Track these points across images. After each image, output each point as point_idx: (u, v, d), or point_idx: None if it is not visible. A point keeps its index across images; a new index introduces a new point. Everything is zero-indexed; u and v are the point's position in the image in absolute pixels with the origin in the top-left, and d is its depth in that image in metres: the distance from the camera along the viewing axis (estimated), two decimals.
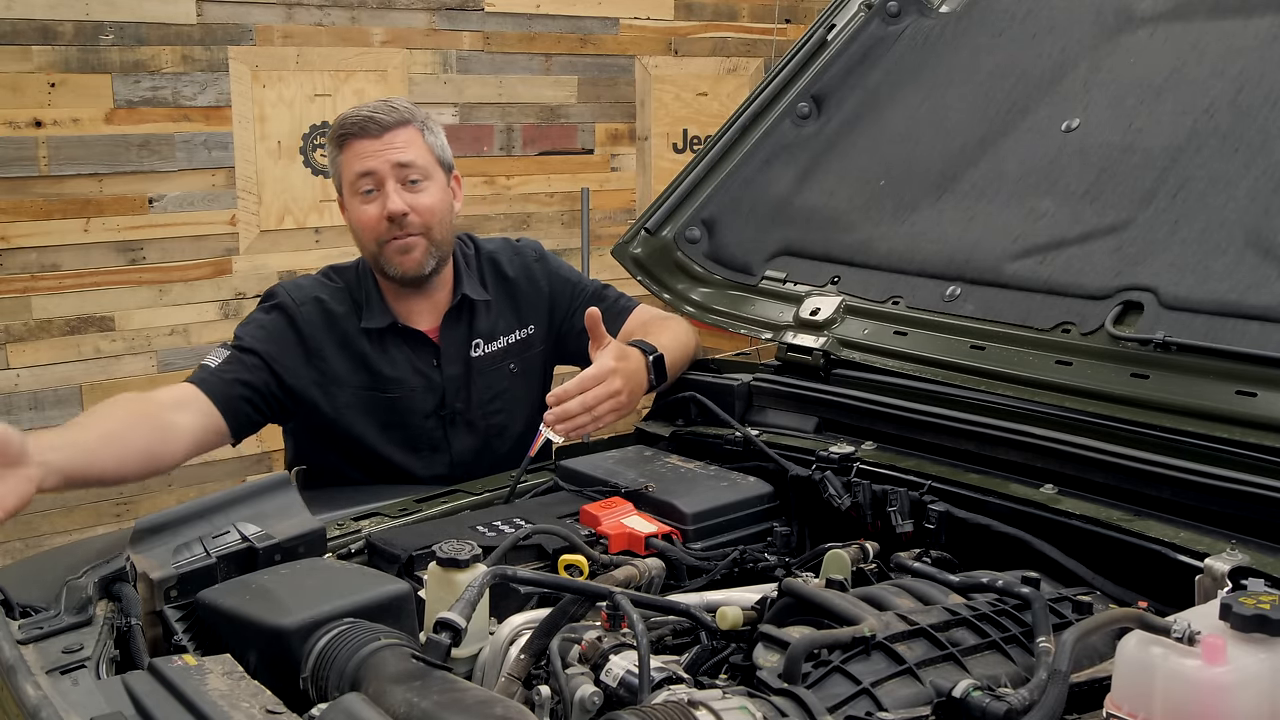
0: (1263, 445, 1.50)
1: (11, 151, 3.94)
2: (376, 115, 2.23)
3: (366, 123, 2.23)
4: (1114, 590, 1.51)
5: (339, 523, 1.81)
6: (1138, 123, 1.93)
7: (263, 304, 2.30)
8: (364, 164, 2.22)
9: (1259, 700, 1.05)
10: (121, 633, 1.40)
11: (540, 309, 2.40)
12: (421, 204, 2.23)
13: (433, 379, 2.28)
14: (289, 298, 2.26)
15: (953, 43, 2.30)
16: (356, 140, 2.23)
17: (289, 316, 2.24)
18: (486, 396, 2.33)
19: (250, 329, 2.24)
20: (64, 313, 4.12)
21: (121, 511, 4.28)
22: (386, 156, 2.22)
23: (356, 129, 2.23)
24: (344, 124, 2.25)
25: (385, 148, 2.22)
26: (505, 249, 2.44)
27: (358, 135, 2.23)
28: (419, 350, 2.30)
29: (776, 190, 2.33)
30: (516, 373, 2.37)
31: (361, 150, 2.23)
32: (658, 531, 1.69)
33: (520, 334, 2.37)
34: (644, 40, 5.31)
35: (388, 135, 2.22)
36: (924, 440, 1.85)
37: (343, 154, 2.26)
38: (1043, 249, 1.89)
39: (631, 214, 5.27)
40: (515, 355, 2.36)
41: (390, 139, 2.23)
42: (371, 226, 2.23)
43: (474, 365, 2.31)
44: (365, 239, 2.26)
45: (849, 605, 1.31)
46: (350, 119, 2.25)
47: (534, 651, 1.31)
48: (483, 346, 2.33)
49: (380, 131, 2.22)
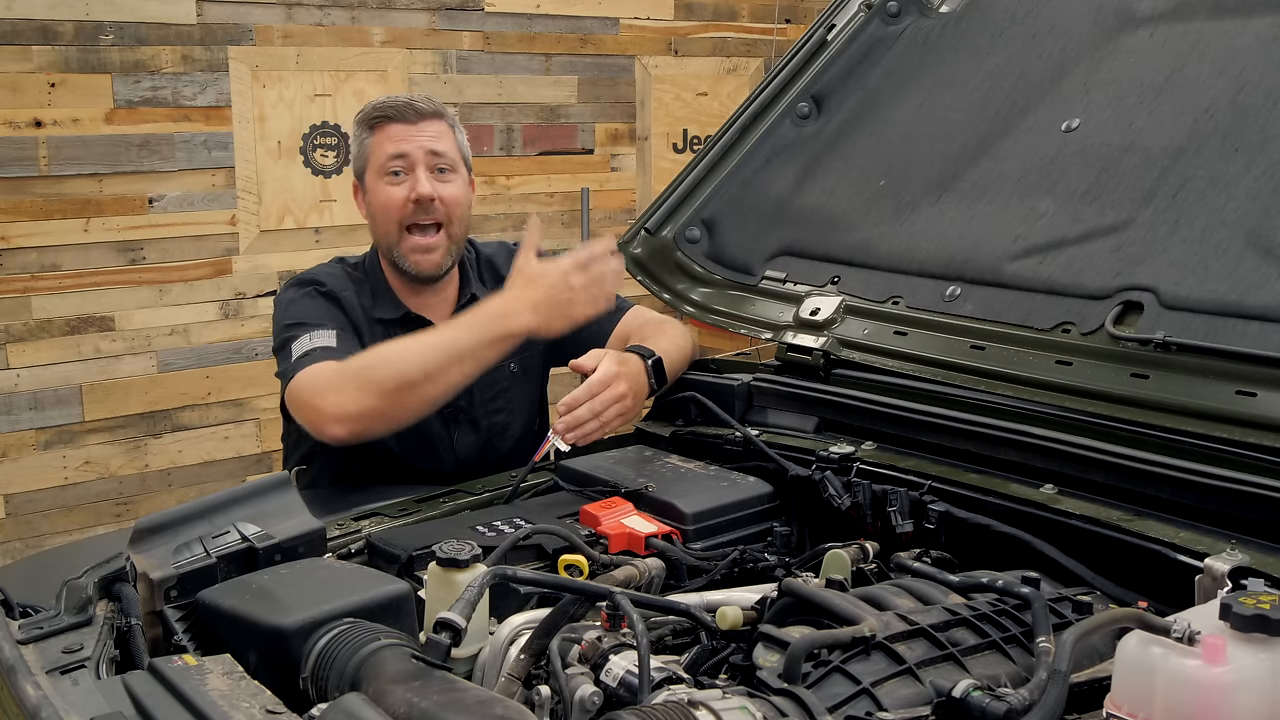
0: (1263, 445, 1.50)
1: (11, 151, 3.94)
2: (415, 103, 2.27)
3: (405, 108, 2.26)
4: (1114, 590, 1.51)
5: (339, 523, 1.81)
6: (1138, 123, 1.93)
7: (303, 289, 2.27)
8: (398, 146, 2.24)
9: (1259, 700, 1.05)
10: (121, 633, 1.40)
11: None
12: (448, 194, 2.26)
13: None
14: (332, 285, 2.27)
15: (953, 43, 2.30)
16: (392, 123, 2.26)
17: (338, 302, 2.26)
18: (489, 395, 2.34)
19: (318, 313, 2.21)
20: (64, 313, 4.12)
21: (121, 511, 4.28)
22: (420, 142, 2.25)
23: (394, 112, 2.26)
24: (380, 107, 2.28)
25: (420, 134, 2.26)
26: (501, 252, 2.46)
27: (394, 119, 2.26)
28: None
29: (776, 190, 2.33)
30: (516, 372, 2.38)
31: (396, 133, 2.25)
32: (658, 531, 1.69)
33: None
34: (644, 40, 5.31)
35: (423, 123, 2.27)
36: (924, 440, 1.85)
37: (374, 135, 2.28)
38: (1043, 249, 1.89)
39: (631, 214, 5.27)
40: (515, 355, 2.37)
41: (425, 126, 2.26)
42: (397, 208, 2.24)
43: None
44: (387, 220, 2.26)
45: (849, 605, 1.31)
46: (387, 103, 2.28)
47: (534, 651, 1.31)
48: None
49: (417, 118, 2.26)
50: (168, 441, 4.37)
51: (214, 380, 4.41)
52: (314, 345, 2.13)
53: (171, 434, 4.38)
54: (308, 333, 2.16)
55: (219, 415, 4.44)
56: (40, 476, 4.14)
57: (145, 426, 4.32)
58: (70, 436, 4.19)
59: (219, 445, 4.45)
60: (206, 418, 4.43)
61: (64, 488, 4.20)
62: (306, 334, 2.16)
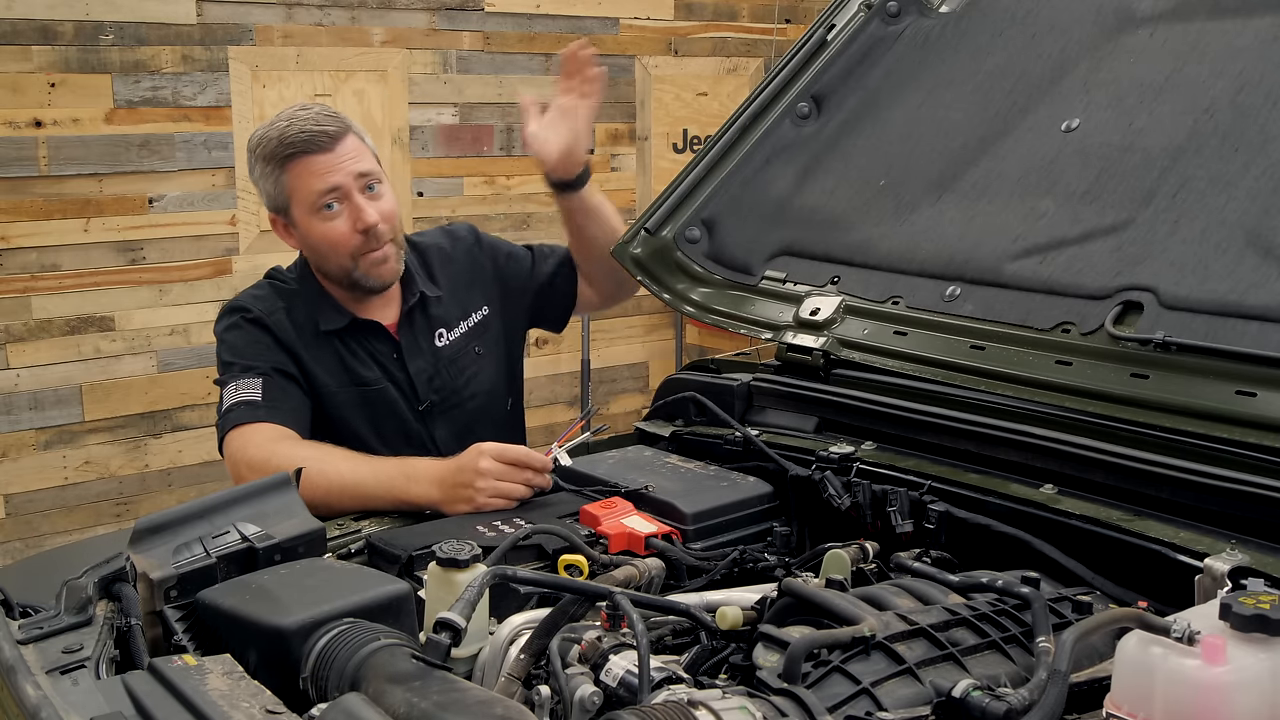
0: (1263, 445, 1.50)
1: (11, 151, 3.94)
2: (324, 128, 2.14)
3: (316, 136, 2.13)
4: (1114, 590, 1.51)
5: (339, 523, 1.81)
6: (1138, 123, 1.93)
7: (230, 318, 2.24)
8: (325, 180, 2.14)
9: (1259, 700, 1.05)
10: (121, 633, 1.40)
11: (489, 288, 2.43)
12: (385, 210, 2.20)
13: (395, 374, 2.28)
14: (258, 310, 2.22)
15: (953, 43, 2.30)
16: (307, 156, 2.14)
17: (265, 327, 2.21)
18: (460, 382, 2.34)
19: (247, 348, 2.19)
20: (64, 313, 4.12)
21: (121, 511, 4.29)
22: (346, 168, 2.15)
23: (305, 144, 2.13)
24: (287, 141, 2.14)
25: (341, 160, 2.15)
26: (443, 237, 2.46)
27: (308, 151, 2.14)
28: (379, 344, 2.29)
29: (776, 190, 2.33)
30: (481, 354, 2.39)
31: (317, 166, 2.14)
32: (658, 531, 1.69)
33: (476, 316, 2.40)
34: (644, 40, 5.31)
35: (339, 147, 2.15)
36: (924, 440, 1.85)
37: (289, 172, 2.16)
38: (1043, 249, 1.89)
39: (631, 214, 5.27)
40: (476, 337, 2.39)
41: (342, 150, 2.15)
42: (344, 242, 2.17)
43: (441, 355, 2.33)
44: (337, 255, 2.19)
45: (849, 605, 1.31)
46: (295, 135, 2.14)
47: (534, 651, 1.31)
48: (446, 335, 2.35)
49: (331, 144, 2.14)
50: (168, 441, 4.37)
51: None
52: (238, 399, 2.11)
53: (171, 434, 4.38)
54: (234, 380, 2.14)
55: None
56: (40, 476, 4.15)
57: (145, 426, 4.32)
58: (70, 436, 4.19)
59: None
60: (206, 418, 4.42)
61: (64, 488, 4.20)
62: (233, 382, 2.14)
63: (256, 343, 2.19)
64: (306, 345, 2.23)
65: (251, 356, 2.17)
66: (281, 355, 2.19)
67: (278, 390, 2.13)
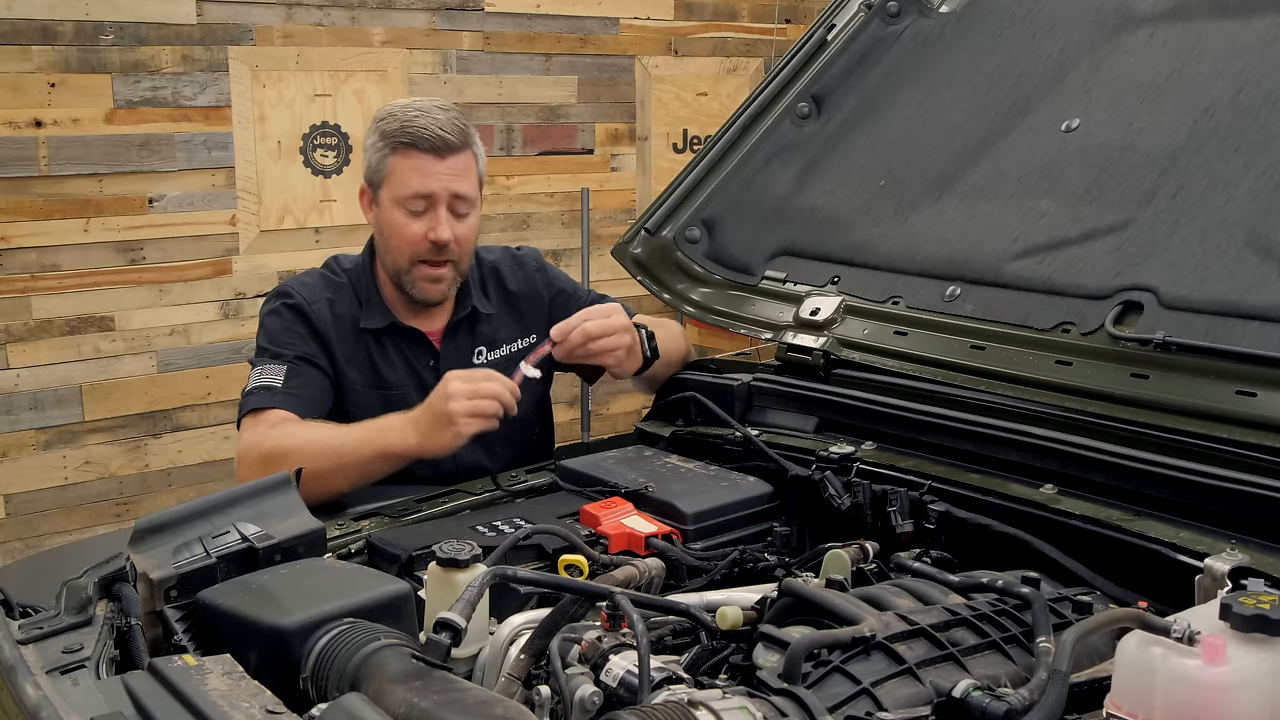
0: (1263, 445, 1.50)
1: (11, 151, 3.94)
2: (447, 136, 2.17)
3: (437, 141, 2.16)
4: (1114, 590, 1.51)
5: (339, 523, 1.81)
6: (1138, 123, 1.93)
7: (274, 303, 2.27)
8: (423, 183, 2.17)
9: (1259, 700, 1.05)
10: (121, 633, 1.40)
11: (541, 318, 2.40)
12: (463, 235, 2.22)
13: (427, 382, 2.28)
14: (301, 297, 2.26)
15: (953, 43, 2.30)
16: (420, 154, 2.16)
17: (304, 315, 2.24)
18: None
19: (281, 335, 2.22)
20: (64, 313, 4.12)
21: (121, 511, 4.28)
22: (447, 184, 2.18)
23: (423, 141, 2.16)
24: (411, 132, 2.16)
25: (447, 172, 2.18)
26: (507, 259, 2.45)
27: (423, 149, 2.16)
28: (417, 351, 2.30)
29: (776, 190, 2.33)
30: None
31: (424, 167, 2.17)
32: (658, 531, 1.69)
33: (522, 343, 2.39)
34: (644, 40, 5.31)
35: (452, 159, 2.18)
36: (924, 440, 1.85)
37: (397, 157, 2.18)
38: (1043, 249, 1.89)
39: (631, 214, 5.27)
40: (516, 363, 2.36)
41: (453, 164, 2.18)
42: (412, 243, 2.20)
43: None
44: (400, 251, 2.22)
45: (849, 605, 1.31)
46: (419, 129, 2.16)
47: (534, 651, 1.31)
48: (485, 354, 2.35)
49: (446, 152, 2.17)
50: (168, 441, 4.37)
51: (214, 380, 4.41)
52: (259, 383, 2.14)
53: (171, 434, 4.38)
54: (262, 365, 2.17)
55: (219, 415, 4.44)
56: (40, 476, 4.14)
57: (145, 426, 4.32)
58: (70, 436, 4.19)
59: (219, 445, 4.45)
60: (206, 418, 4.43)
61: (64, 488, 4.19)
62: (260, 366, 2.17)
63: (291, 330, 2.22)
64: (341, 338, 2.25)
65: (283, 344, 2.20)
66: (313, 346, 2.22)
67: (299, 379, 2.16)
